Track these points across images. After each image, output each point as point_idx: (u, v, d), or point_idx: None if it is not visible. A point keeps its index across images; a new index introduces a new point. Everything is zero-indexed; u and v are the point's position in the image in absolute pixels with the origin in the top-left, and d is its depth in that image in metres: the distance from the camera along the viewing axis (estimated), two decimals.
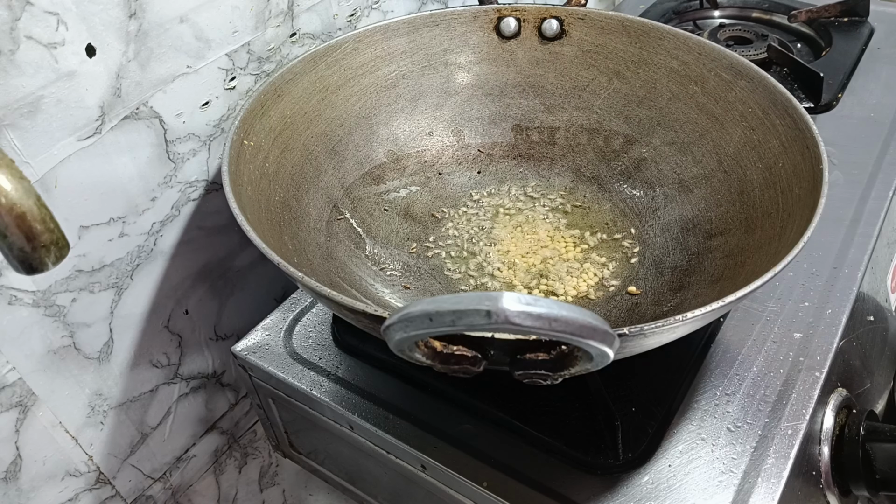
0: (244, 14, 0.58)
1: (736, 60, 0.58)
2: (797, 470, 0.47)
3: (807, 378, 0.51)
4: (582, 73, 0.68)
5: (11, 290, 0.48)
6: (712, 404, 0.50)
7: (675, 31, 0.63)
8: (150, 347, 0.61)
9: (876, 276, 0.62)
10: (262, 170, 0.55)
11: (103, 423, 0.59)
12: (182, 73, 0.55)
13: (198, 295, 0.64)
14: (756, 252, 0.50)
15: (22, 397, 0.51)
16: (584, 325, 0.26)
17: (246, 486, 0.72)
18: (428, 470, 0.50)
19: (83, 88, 0.48)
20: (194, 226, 0.61)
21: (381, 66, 0.66)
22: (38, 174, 0.47)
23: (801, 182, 0.49)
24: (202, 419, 0.69)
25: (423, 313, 0.27)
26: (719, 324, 0.55)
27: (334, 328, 0.59)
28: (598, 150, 0.67)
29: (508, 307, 0.25)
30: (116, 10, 0.48)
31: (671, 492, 0.46)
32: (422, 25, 0.67)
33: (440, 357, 0.31)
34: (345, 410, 0.53)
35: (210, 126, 0.59)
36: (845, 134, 0.73)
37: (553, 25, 0.68)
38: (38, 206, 0.26)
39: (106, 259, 0.54)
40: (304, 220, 0.57)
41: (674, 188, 0.62)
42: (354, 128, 0.65)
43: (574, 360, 0.30)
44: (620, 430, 0.47)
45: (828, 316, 0.55)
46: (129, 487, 0.63)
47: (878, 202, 0.65)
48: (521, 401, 0.51)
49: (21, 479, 0.53)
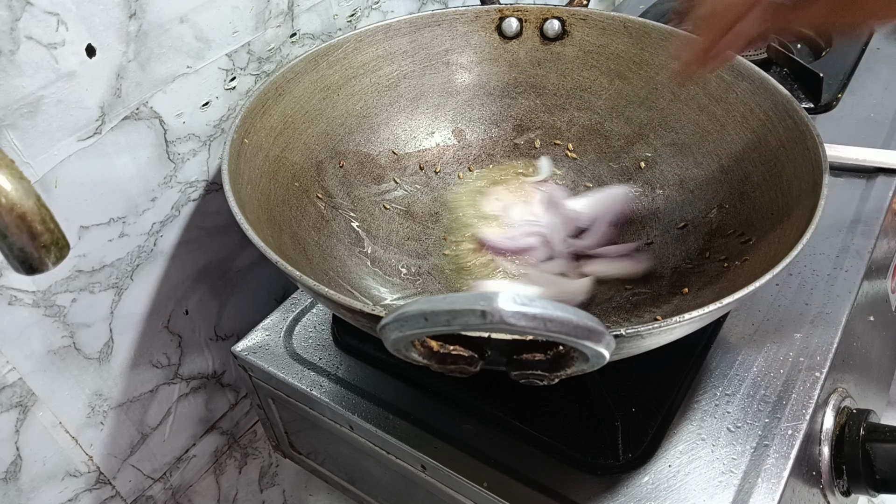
0: (244, 14, 0.58)
1: (737, 61, 0.58)
2: (797, 470, 0.47)
3: (807, 378, 0.51)
4: (583, 73, 0.68)
5: (11, 290, 0.48)
6: (712, 404, 0.50)
7: (677, 32, 0.63)
8: (151, 347, 0.61)
9: (876, 276, 0.62)
10: (263, 169, 0.55)
11: (103, 424, 0.59)
12: (182, 73, 0.55)
13: (198, 295, 0.64)
14: (756, 253, 0.50)
15: (22, 397, 0.51)
16: (579, 325, 0.26)
17: (246, 487, 0.72)
18: (428, 470, 0.50)
19: (83, 89, 0.48)
20: (194, 226, 0.61)
21: (383, 66, 0.66)
22: (38, 174, 0.47)
23: (801, 183, 0.49)
24: (202, 419, 0.69)
25: (419, 313, 0.27)
26: (719, 324, 0.55)
27: (334, 328, 0.59)
28: (599, 151, 0.67)
29: (503, 307, 0.25)
30: (116, 10, 0.48)
31: (671, 492, 0.46)
32: (423, 25, 0.67)
33: (437, 357, 0.31)
34: (345, 411, 0.53)
35: (210, 126, 0.59)
36: (845, 134, 0.73)
37: (555, 26, 0.68)
38: (38, 207, 0.26)
39: (106, 259, 0.54)
40: (304, 220, 0.57)
41: (674, 189, 0.61)
42: (355, 127, 0.65)
43: (570, 361, 0.30)
44: (620, 431, 0.47)
45: (828, 316, 0.55)
46: (129, 488, 0.63)
47: (878, 202, 0.65)
48: (521, 401, 0.51)
49: (21, 479, 0.53)
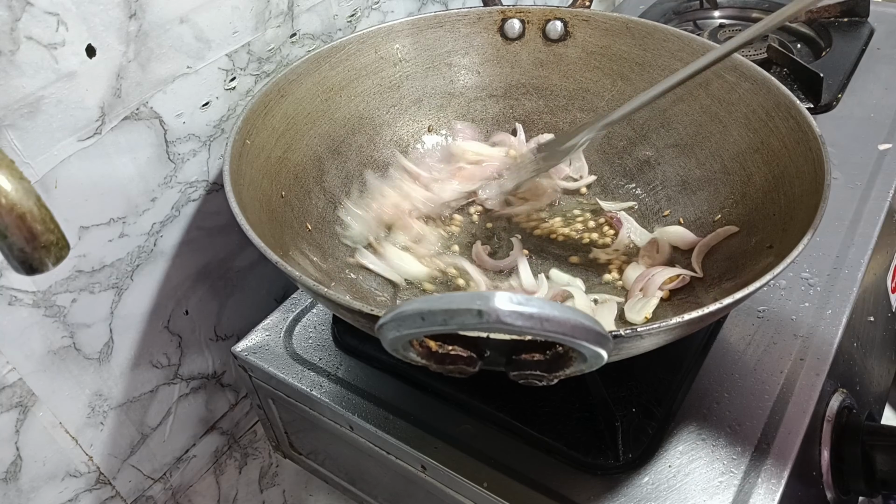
0: (244, 14, 0.58)
1: (739, 62, 0.58)
2: (797, 470, 0.47)
3: (807, 378, 0.51)
4: (586, 74, 0.68)
5: (11, 290, 0.48)
6: (713, 405, 0.50)
7: (680, 33, 0.63)
8: (151, 348, 0.61)
9: (876, 276, 0.62)
10: (265, 170, 0.55)
11: (103, 424, 0.59)
12: (182, 73, 0.55)
13: (198, 295, 0.64)
14: (757, 253, 0.50)
15: (22, 398, 0.51)
16: (576, 325, 0.26)
17: (246, 487, 0.72)
18: (428, 470, 0.50)
19: (83, 89, 0.48)
20: (194, 226, 0.61)
21: (385, 67, 0.66)
22: (38, 174, 0.47)
23: (803, 184, 0.49)
24: (202, 419, 0.69)
25: (416, 312, 0.27)
26: (719, 324, 0.55)
27: (334, 329, 0.59)
28: (602, 152, 0.67)
29: (500, 306, 0.25)
30: (116, 10, 0.48)
31: (671, 492, 0.45)
32: (426, 27, 0.67)
33: (435, 357, 0.31)
34: (345, 411, 0.53)
35: (210, 126, 0.59)
36: (845, 134, 0.73)
37: (557, 27, 0.68)
38: (38, 207, 0.26)
39: (106, 259, 0.54)
40: (305, 220, 0.57)
41: (676, 189, 0.61)
42: (358, 128, 0.65)
43: (569, 361, 0.30)
44: (620, 431, 0.47)
45: (828, 316, 0.55)
46: (130, 488, 0.63)
47: (878, 202, 0.64)
48: (521, 401, 0.51)
49: (21, 479, 0.53)
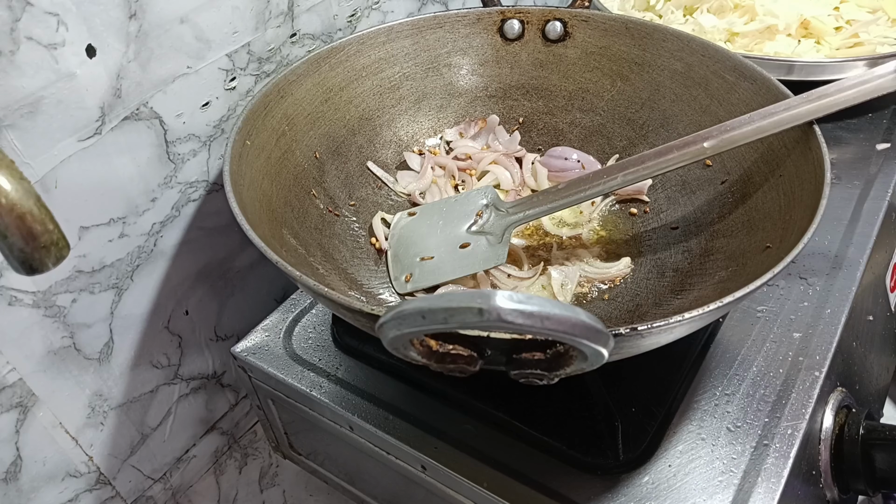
0: (244, 15, 0.58)
1: (739, 62, 0.58)
2: (797, 470, 0.47)
3: (806, 378, 0.51)
4: (585, 75, 0.68)
5: (11, 290, 0.48)
6: (712, 404, 0.50)
7: (679, 33, 0.63)
8: (151, 348, 0.61)
9: (875, 275, 0.62)
10: (265, 170, 0.55)
11: (103, 424, 0.59)
12: (182, 73, 0.55)
13: (198, 295, 0.64)
14: (757, 253, 0.50)
15: (22, 398, 0.51)
16: (576, 323, 0.26)
17: (246, 487, 0.72)
18: (428, 470, 0.50)
19: (83, 89, 0.48)
20: (194, 226, 0.61)
21: (385, 68, 0.67)
22: (38, 175, 0.47)
23: (802, 184, 0.49)
24: (202, 420, 0.69)
25: (417, 311, 0.27)
26: (719, 324, 0.55)
27: (334, 329, 0.59)
28: (602, 152, 0.67)
29: (500, 305, 0.25)
30: (116, 10, 0.48)
31: (671, 492, 0.45)
32: (425, 27, 0.67)
33: (436, 356, 0.31)
34: (344, 411, 0.53)
35: (210, 126, 0.59)
36: (845, 133, 0.73)
37: (557, 27, 0.68)
38: (38, 207, 0.26)
39: (106, 260, 0.54)
40: (305, 221, 0.57)
41: (676, 190, 0.61)
42: (358, 129, 0.65)
43: (569, 360, 0.30)
44: (620, 431, 0.47)
45: (827, 316, 0.55)
46: (130, 488, 0.63)
47: (876, 202, 0.64)
48: (522, 401, 0.51)
49: (21, 479, 0.53)
